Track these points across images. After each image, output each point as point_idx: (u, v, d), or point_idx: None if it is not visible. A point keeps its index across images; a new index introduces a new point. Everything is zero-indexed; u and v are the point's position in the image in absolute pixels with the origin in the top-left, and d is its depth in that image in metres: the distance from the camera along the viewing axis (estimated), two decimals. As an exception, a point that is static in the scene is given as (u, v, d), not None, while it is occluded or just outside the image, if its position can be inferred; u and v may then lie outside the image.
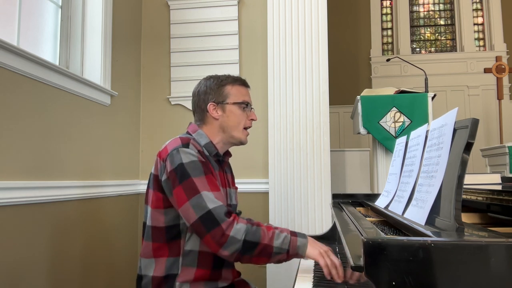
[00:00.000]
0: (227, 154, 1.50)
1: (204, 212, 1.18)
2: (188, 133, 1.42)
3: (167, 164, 1.27)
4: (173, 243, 1.30)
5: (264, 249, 1.18)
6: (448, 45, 6.51)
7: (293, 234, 1.23)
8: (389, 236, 0.88)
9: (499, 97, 5.50)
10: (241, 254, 1.18)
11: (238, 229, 1.17)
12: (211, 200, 1.20)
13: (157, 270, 1.30)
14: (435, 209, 0.81)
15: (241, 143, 1.44)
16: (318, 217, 2.42)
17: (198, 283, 1.29)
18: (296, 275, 1.24)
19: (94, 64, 2.29)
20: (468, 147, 0.73)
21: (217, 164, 1.42)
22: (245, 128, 1.44)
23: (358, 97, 2.55)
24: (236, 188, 1.56)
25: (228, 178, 1.50)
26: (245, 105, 1.43)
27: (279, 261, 1.23)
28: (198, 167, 1.25)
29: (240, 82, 1.45)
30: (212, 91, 1.41)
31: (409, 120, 2.45)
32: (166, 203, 1.30)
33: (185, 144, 1.29)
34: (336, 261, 1.17)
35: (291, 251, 1.20)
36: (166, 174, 1.27)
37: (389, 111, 2.47)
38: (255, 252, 1.18)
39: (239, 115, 1.41)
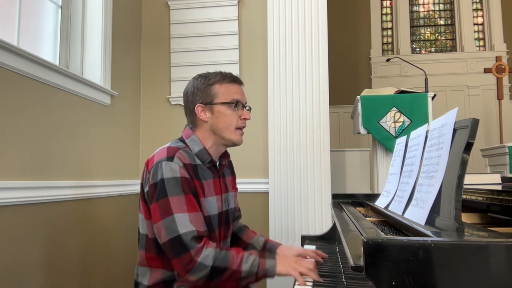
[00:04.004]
0: (225, 156, 1.43)
1: (174, 236, 1.16)
2: (181, 138, 1.36)
3: (150, 176, 1.24)
4: (166, 256, 1.26)
5: (232, 274, 1.16)
6: (448, 45, 6.51)
7: (262, 256, 1.21)
8: (389, 236, 0.88)
9: (499, 97, 5.50)
10: (208, 280, 1.16)
11: (207, 255, 1.15)
12: (183, 224, 1.16)
13: (152, 280, 1.28)
14: (435, 209, 0.81)
15: (234, 144, 1.35)
16: (318, 217, 2.42)
17: None
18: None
19: (94, 64, 2.29)
20: (468, 147, 0.73)
21: (213, 171, 1.35)
22: (239, 128, 1.34)
23: (358, 97, 2.55)
24: (236, 190, 1.52)
25: (227, 182, 1.44)
26: (235, 103, 1.32)
27: (248, 284, 1.22)
28: (178, 185, 1.20)
29: (230, 79, 1.35)
30: (199, 91, 1.33)
31: (409, 120, 2.45)
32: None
33: (170, 157, 1.22)
34: (309, 264, 1.17)
35: (259, 273, 1.19)
36: (148, 186, 1.24)
37: (389, 111, 2.47)
38: (224, 277, 1.16)
39: (229, 116, 1.31)
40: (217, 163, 1.39)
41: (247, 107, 1.39)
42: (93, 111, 2.20)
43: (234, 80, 1.37)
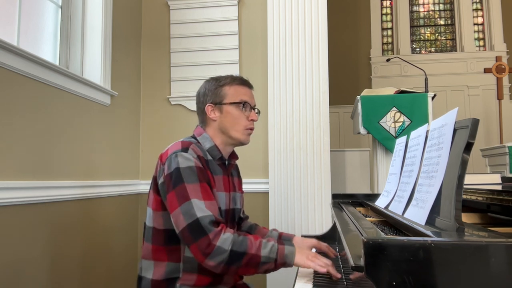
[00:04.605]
0: (233, 156, 1.48)
1: (192, 220, 1.17)
2: (193, 136, 1.41)
3: (165, 167, 1.27)
4: (172, 248, 1.29)
5: (252, 259, 1.17)
6: (448, 45, 6.51)
7: (280, 243, 1.22)
8: (389, 236, 0.88)
9: (499, 97, 5.50)
10: (227, 265, 1.16)
11: (225, 239, 1.16)
12: (200, 208, 1.18)
13: (156, 274, 1.29)
14: (435, 209, 0.81)
15: (241, 143, 1.41)
16: (318, 217, 2.42)
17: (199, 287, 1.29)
18: (296, 276, 1.24)
19: (94, 64, 2.29)
20: (468, 147, 0.73)
21: (222, 168, 1.40)
22: (246, 129, 1.40)
23: (358, 97, 2.55)
24: (242, 192, 1.55)
25: (234, 181, 1.49)
26: (243, 104, 1.38)
27: (267, 271, 1.21)
28: (193, 173, 1.23)
29: (239, 81, 1.42)
30: (210, 92, 1.40)
31: (409, 120, 2.45)
32: (164, 206, 1.29)
33: (185, 148, 1.27)
34: (327, 261, 1.17)
35: (278, 260, 1.19)
36: (163, 177, 1.27)
37: (389, 111, 2.47)
38: (242, 262, 1.16)
39: (236, 115, 1.37)
40: (226, 162, 1.44)
41: (256, 110, 1.44)
42: (93, 111, 2.20)
43: (243, 82, 1.43)
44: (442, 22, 6.60)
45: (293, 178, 2.47)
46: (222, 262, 1.15)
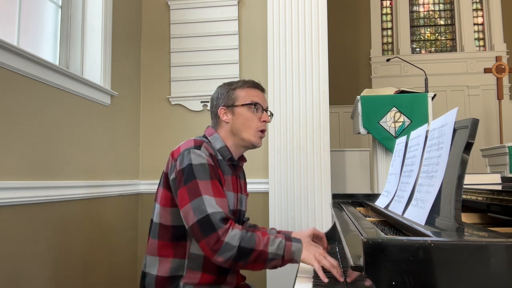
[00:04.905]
0: (242, 159, 1.50)
1: (202, 216, 1.19)
2: (204, 136, 1.43)
3: (177, 163, 1.29)
4: (179, 244, 1.31)
5: (259, 255, 1.19)
6: (448, 45, 6.51)
7: (288, 239, 1.24)
8: (389, 236, 0.88)
9: (499, 97, 5.50)
10: (235, 261, 1.18)
11: (233, 236, 1.17)
12: (211, 205, 1.20)
13: (161, 270, 1.31)
14: (435, 209, 0.81)
15: (253, 146, 1.43)
16: (318, 217, 2.42)
17: (202, 286, 1.30)
18: (296, 276, 1.24)
19: (94, 64, 2.29)
20: (468, 147, 0.73)
21: (231, 169, 1.42)
22: (258, 131, 1.42)
23: (358, 97, 2.55)
24: (247, 194, 1.56)
25: (241, 183, 1.51)
26: (254, 105, 1.41)
27: (274, 267, 1.23)
28: (206, 170, 1.25)
29: (250, 84, 1.45)
30: (223, 96, 1.44)
31: (409, 120, 2.45)
32: (173, 202, 1.31)
33: (197, 146, 1.30)
34: (333, 261, 1.17)
35: (286, 256, 1.21)
36: (175, 173, 1.28)
37: (389, 111, 2.47)
38: (250, 258, 1.18)
39: (248, 117, 1.40)
40: (235, 163, 1.45)
41: (269, 112, 1.47)
42: (93, 111, 2.20)
43: (255, 85, 1.46)
44: (442, 22, 6.60)
45: (293, 178, 2.47)
46: (231, 258, 1.17)
